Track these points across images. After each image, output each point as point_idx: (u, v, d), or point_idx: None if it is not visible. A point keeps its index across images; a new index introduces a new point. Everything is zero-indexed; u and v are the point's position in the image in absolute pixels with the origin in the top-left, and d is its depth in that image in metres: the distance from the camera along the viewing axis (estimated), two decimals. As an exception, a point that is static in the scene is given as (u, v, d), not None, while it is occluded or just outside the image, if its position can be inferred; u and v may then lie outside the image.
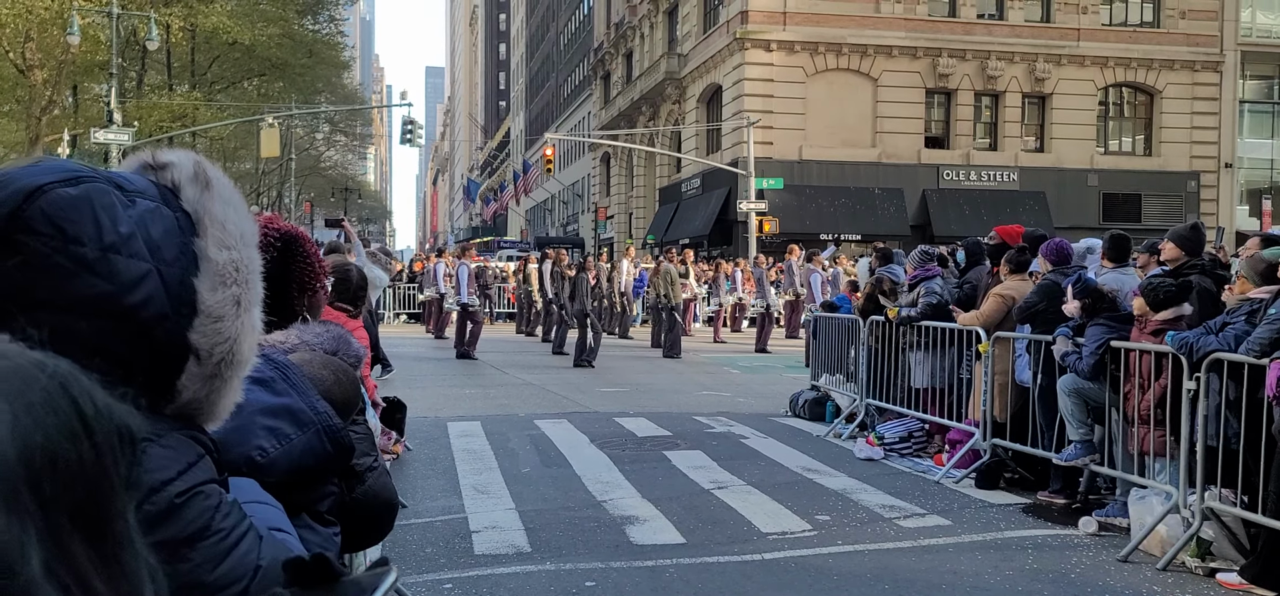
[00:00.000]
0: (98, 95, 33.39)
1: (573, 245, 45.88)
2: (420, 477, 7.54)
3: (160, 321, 0.99)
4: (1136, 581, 5.25)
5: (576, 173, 61.01)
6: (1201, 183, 36.23)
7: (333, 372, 1.70)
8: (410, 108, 36.61)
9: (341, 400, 1.54)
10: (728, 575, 5.29)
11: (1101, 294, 6.46)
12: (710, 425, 10.00)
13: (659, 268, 19.72)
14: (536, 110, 76.72)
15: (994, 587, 5.16)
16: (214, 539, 1.01)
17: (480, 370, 15.34)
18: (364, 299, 4.52)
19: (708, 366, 16.28)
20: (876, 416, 9.21)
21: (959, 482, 7.43)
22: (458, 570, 5.34)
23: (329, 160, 64.72)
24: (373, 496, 1.83)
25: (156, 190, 1.05)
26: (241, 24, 33.53)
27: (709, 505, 6.77)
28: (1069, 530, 6.22)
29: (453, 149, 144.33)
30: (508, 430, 9.60)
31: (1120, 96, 36.99)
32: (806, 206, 32.92)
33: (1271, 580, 4.96)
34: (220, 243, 1.05)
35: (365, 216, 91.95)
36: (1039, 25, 35.28)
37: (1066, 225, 28.78)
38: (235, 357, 1.04)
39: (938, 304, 8.35)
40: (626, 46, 48.61)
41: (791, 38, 33.57)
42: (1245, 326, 5.35)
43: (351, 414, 1.72)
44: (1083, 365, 6.33)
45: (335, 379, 1.67)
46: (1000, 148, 35.35)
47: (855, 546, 5.86)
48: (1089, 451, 6.50)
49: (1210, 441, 5.47)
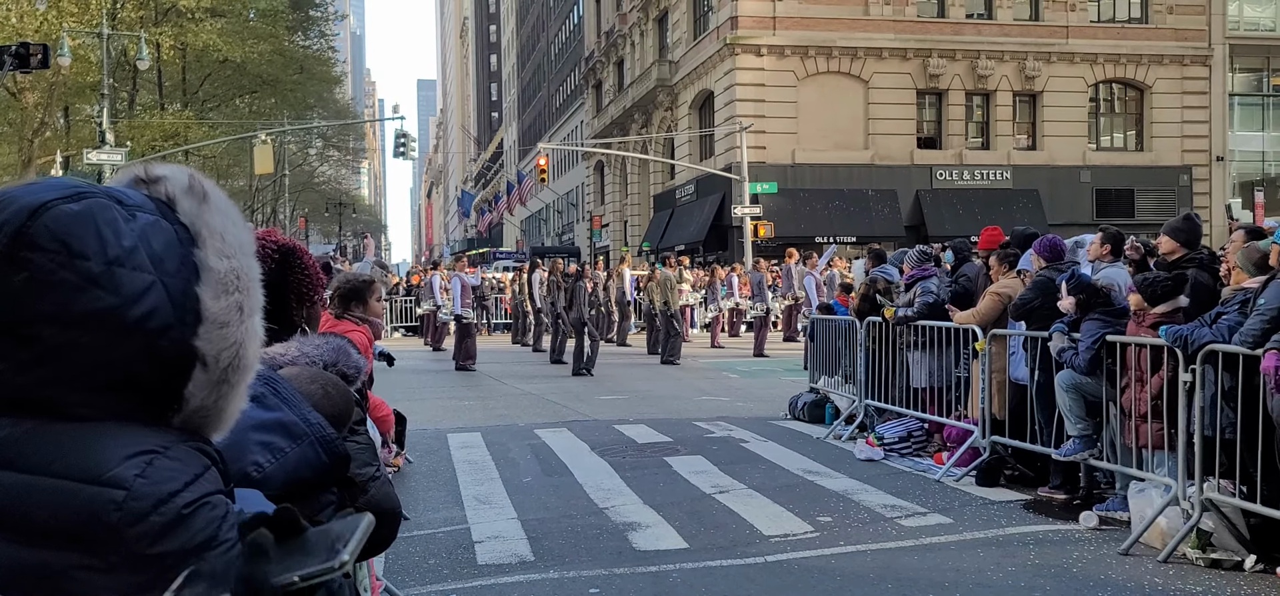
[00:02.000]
0: (89, 116, 33.38)
1: (568, 254, 45.89)
2: (422, 489, 7.54)
3: (165, 331, 1.00)
4: (1138, 574, 5.26)
5: (570, 182, 61.05)
6: (1193, 177, 36.34)
7: (321, 386, 1.71)
8: (403, 121, 36.71)
9: (331, 413, 1.54)
10: (731, 578, 5.29)
11: (1095, 289, 6.49)
12: (710, 430, 10.01)
13: (654, 274, 19.74)
14: (529, 120, 76.79)
15: (997, 584, 5.16)
16: (221, 549, 1.02)
17: (479, 381, 15.33)
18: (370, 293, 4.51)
19: (706, 372, 16.29)
20: (875, 417, 9.22)
21: (959, 481, 7.44)
22: (461, 581, 5.34)
23: (323, 175, 64.69)
24: (376, 506, 1.83)
25: (153, 204, 1.06)
26: (232, 42, 33.53)
27: (711, 509, 6.77)
28: (1070, 525, 6.23)
29: (446, 161, 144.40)
30: (508, 440, 9.60)
31: (1111, 92, 37.12)
32: (801, 210, 32.97)
33: None
34: (220, 252, 1.06)
35: (360, 231, 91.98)
36: (1028, 23, 35.41)
37: (1060, 222, 28.87)
38: (241, 363, 1.05)
39: (934, 303, 8.37)
40: (617, 55, 48.68)
41: (781, 42, 33.66)
42: (1239, 317, 5.38)
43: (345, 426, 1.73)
44: (1079, 361, 6.35)
45: (324, 393, 1.67)
46: (992, 146, 35.44)
47: (858, 547, 5.86)
48: (1088, 446, 6.52)
49: (1207, 433, 5.49)
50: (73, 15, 28.67)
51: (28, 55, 15.29)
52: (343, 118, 54.83)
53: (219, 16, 33.96)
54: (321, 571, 0.88)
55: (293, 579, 0.87)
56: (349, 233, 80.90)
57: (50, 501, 0.94)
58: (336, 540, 0.93)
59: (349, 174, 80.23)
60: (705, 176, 35.55)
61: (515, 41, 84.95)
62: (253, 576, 0.86)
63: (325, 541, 0.93)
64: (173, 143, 32.97)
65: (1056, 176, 34.94)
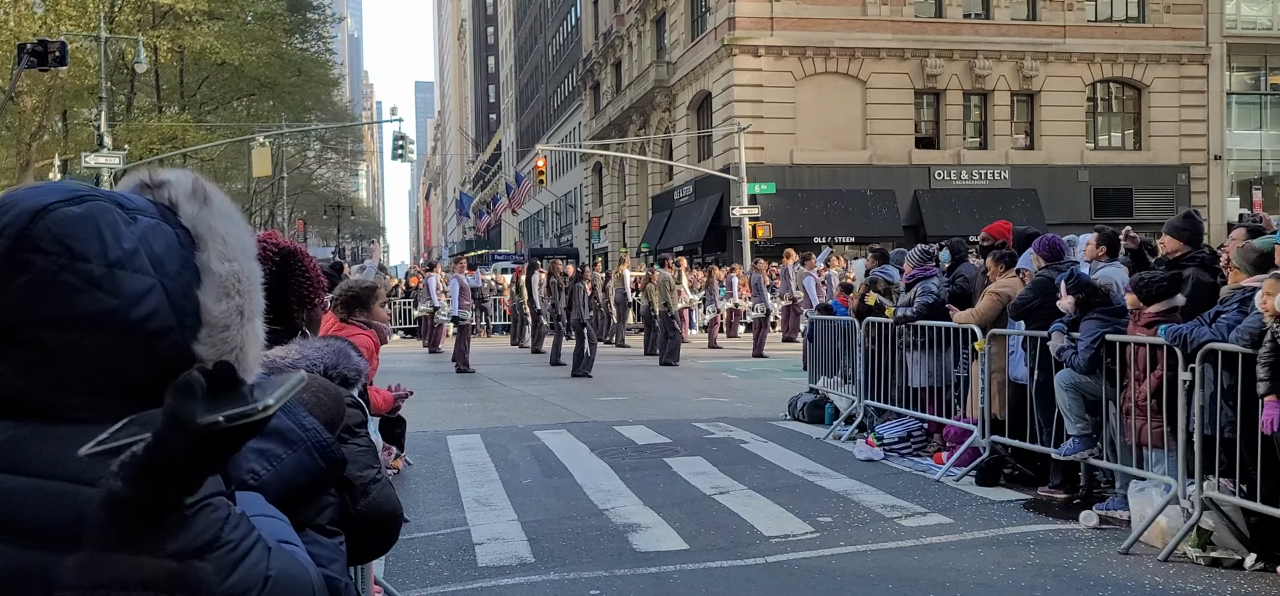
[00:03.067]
0: (87, 119, 33.36)
1: (567, 255, 45.88)
2: (421, 492, 7.53)
3: (165, 334, 1.00)
4: (1139, 573, 5.27)
5: (569, 183, 61.07)
6: (1192, 175, 36.38)
7: (311, 393, 1.70)
8: (401, 123, 36.68)
9: (324, 420, 1.54)
10: (731, 579, 5.29)
11: (1094, 288, 6.49)
12: (709, 431, 10.01)
13: (652, 276, 19.73)
14: (527, 122, 76.80)
15: (997, 584, 5.16)
16: (223, 550, 1.02)
17: (478, 383, 15.32)
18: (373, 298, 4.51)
19: (705, 373, 16.29)
20: (875, 417, 9.22)
21: (959, 481, 7.44)
22: (462, 583, 5.33)
23: (321, 178, 64.72)
24: (377, 508, 1.83)
25: (155, 208, 1.07)
26: (229, 45, 33.51)
27: (711, 510, 6.76)
28: (1070, 524, 6.23)
29: (444, 163, 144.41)
30: (508, 441, 9.60)
31: (1109, 92, 37.16)
32: (799, 210, 32.99)
33: None
34: (221, 255, 1.07)
35: (359, 233, 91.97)
36: (1025, 23, 35.45)
37: (1058, 221, 28.88)
38: (242, 366, 1.05)
39: (934, 303, 8.37)
40: (615, 56, 48.70)
41: (779, 42, 33.68)
42: (1238, 315, 5.38)
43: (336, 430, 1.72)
44: (1078, 360, 6.35)
45: (315, 400, 1.66)
46: (990, 146, 35.47)
47: (858, 547, 5.86)
48: (1088, 445, 6.52)
49: (1207, 431, 5.49)
50: (71, 18, 28.66)
51: (46, 53, 15.37)
52: (340, 120, 54.83)
53: (216, 19, 33.95)
54: (245, 412, 0.88)
55: (217, 419, 0.87)
56: (347, 235, 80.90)
57: (51, 504, 0.94)
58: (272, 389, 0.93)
59: (347, 176, 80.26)
60: (703, 177, 35.55)
61: (513, 43, 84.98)
62: (179, 411, 0.86)
63: (267, 387, 0.94)
64: (171, 146, 32.94)
65: (1054, 176, 34.97)
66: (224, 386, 0.90)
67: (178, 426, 0.87)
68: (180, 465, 0.88)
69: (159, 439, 0.87)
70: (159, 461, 0.87)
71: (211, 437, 0.88)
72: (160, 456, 0.87)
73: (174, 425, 0.87)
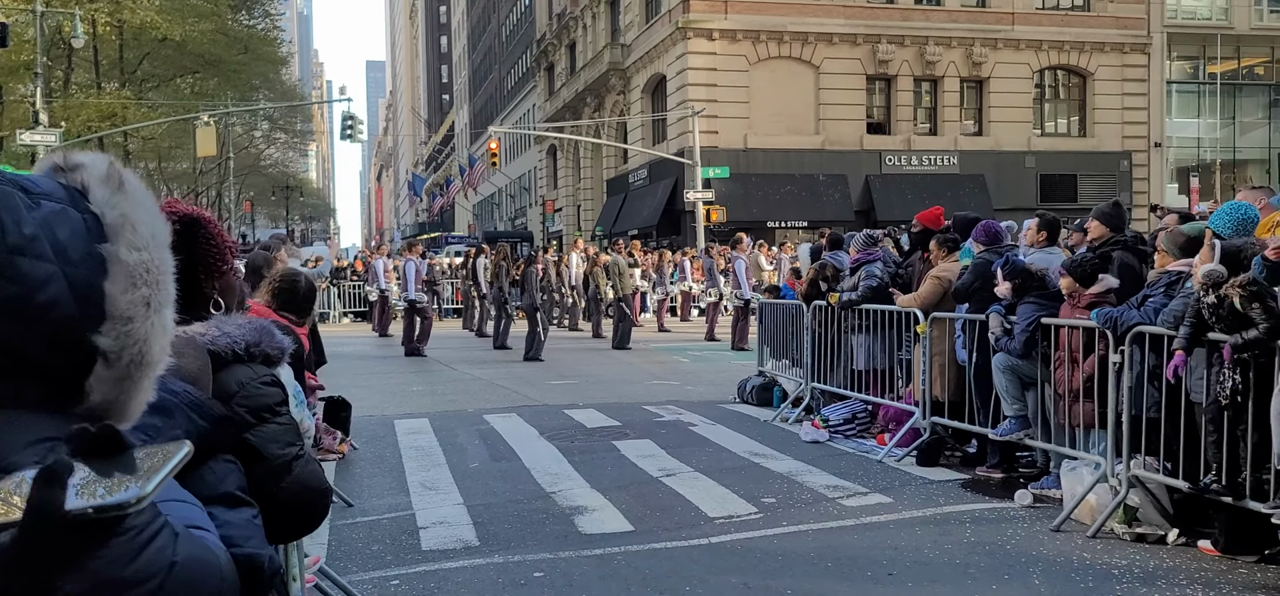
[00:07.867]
0: (23, 96, 32.31)
1: (521, 239, 45.65)
2: (367, 476, 7.49)
3: (66, 323, 0.99)
4: (1068, 549, 5.44)
5: (523, 166, 60.67)
6: (1133, 162, 37.31)
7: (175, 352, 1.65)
8: (350, 103, 36.09)
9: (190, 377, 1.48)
10: (675, 560, 5.36)
11: (1030, 273, 6.65)
12: (659, 414, 10.07)
13: (598, 259, 19.71)
14: (480, 103, 76.04)
15: (933, 561, 5.30)
16: (127, 536, 1.01)
17: (428, 367, 15.22)
18: (311, 308, 4.46)
19: (657, 356, 16.36)
20: (821, 399, 9.35)
21: (900, 461, 7.60)
22: (405, 566, 5.33)
23: (269, 158, 63.42)
24: (301, 485, 1.82)
25: (65, 192, 1.05)
26: (171, 20, 32.67)
27: (657, 492, 6.83)
28: (1006, 503, 6.40)
29: (396, 144, 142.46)
30: (456, 426, 9.57)
31: (1055, 79, 37.90)
32: (753, 194, 33.18)
33: (1241, 546, 5.13)
34: (131, 245, 1.05)
35: (308, 215, 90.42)
36: (975, 10, 35.95)
37: (1006, 207, 29.44)
38: (145, 359, 1.04)
39: (877, 287, 8.51)
40: (569, 37, 48.41)
41: (733, 26, 33.76)
42: (1164, 298, 5.56)
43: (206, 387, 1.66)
44: (1014, 344, 6.52)
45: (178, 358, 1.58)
46: (940, 132, 35.99)
47: (799, 527, 5.97)
48: (1023, 426, 6.70)
49: (1135, 412, 5.68)
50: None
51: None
52: (289, 99, 53.75)
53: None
54: (118, 505, 0.82)
55: (86, 509, 0.80)
56: (297, 217, 79.45)
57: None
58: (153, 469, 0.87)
59: (296, 157, 78.71)
60: (658, 161, 35.57)
61: (466, 22, 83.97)
62: (44, 504, 0.80)
63: (148, 465, 0.88)
64: (110, 123, 32.08)
65: (1002, 161, 35.60)
66: (106, 450, 0.86)
67: (44, 520, 0.81)
68: (49, 556, 0.84)
69: (25, 531, 0.82)
70: (25, 556, 0.83)
71: (81, 527, 0.83)
72: (26, 551, 0.82)
73: (39, 518, 0.81)
